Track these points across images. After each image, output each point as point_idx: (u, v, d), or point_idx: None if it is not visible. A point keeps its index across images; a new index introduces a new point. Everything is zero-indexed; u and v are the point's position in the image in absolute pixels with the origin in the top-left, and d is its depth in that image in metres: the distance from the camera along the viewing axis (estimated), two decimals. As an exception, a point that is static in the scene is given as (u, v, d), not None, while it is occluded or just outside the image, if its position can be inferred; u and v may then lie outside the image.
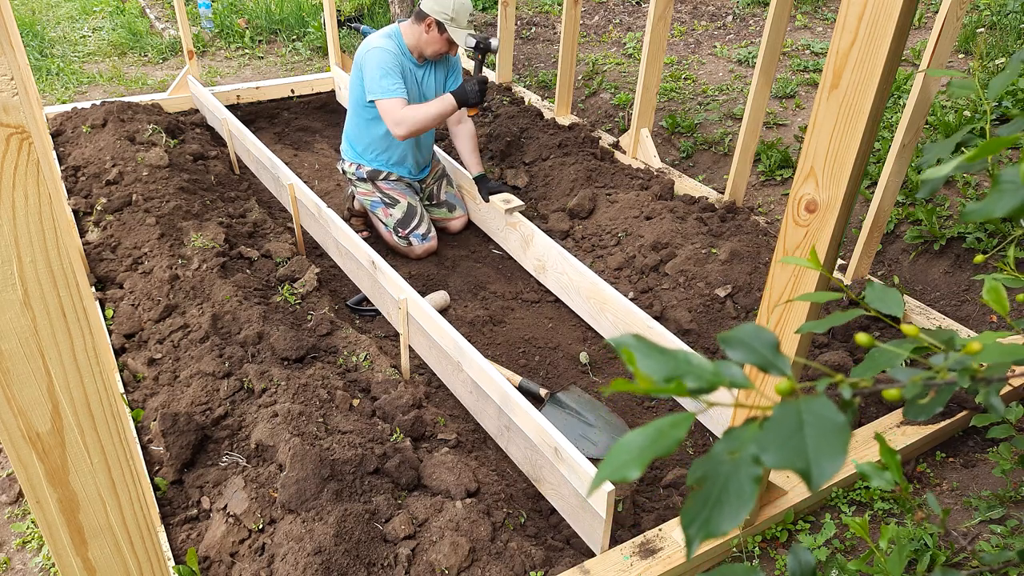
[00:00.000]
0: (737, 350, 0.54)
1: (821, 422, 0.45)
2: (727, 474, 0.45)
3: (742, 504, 0.44)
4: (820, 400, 0.47)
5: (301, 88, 4.81)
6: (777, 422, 0.46)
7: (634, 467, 0.45)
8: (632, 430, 0.48)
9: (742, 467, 0.45)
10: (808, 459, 0.43)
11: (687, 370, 0.49)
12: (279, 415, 2.13)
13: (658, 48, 3.60)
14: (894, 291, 0.70)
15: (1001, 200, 0.54)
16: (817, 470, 0.43)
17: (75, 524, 1.18)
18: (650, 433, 0.47)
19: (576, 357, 2.82)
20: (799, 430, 0.45)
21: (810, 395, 0.48)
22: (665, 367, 0.49)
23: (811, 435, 0.45)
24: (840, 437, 0.44)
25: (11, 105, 0.87)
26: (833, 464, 0.43)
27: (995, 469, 2.17)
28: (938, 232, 3.13)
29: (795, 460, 0.44)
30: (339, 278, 3.23)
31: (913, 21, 1.29)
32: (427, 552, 1.83)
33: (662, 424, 0.47)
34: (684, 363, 0.49)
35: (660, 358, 0.49)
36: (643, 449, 0.46)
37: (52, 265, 0.98)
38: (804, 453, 0.44)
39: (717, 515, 0.44)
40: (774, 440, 0.45)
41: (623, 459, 0.46)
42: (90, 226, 3.25)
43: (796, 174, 1.37)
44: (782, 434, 0.45)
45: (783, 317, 1.51)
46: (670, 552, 1.89)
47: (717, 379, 0.49)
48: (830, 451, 0.44)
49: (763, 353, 0.54)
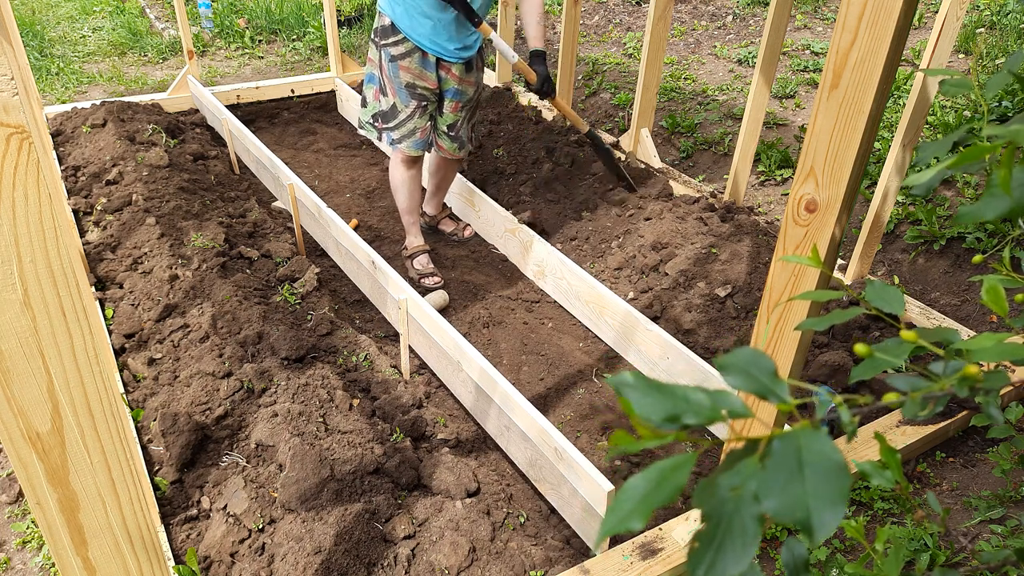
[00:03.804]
0: (735, 376, 0.54)
1: (821, 463, 0.45)
2: (730, 512, 0.45)
3: (746, 544, 0.44)
4: (820, 437, 0.46)
5: (301, 88, 4.81)
6: (777, 461, 0.46)
7: (637, 518, 0.45)
8: (634, 475, 0.48)
9: (744, 506, 0.45)
10: (808, 508, 0.43)
11: (685, 408, 0.49)
12: (279, 415, 2.13)
13: (658, 48, 3.60)
14: (894, 289, 0.70)
15: (992, 203, 0.54)
16: (818, 521, 0.43)
17: (75, 524, 1.18)
18: (652, 477, 0.47)
19: (576, 357, 2.82)
20: (799, 472, 0.45)
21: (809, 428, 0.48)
22: (663, 406, 0.49)
23: (811, 479, 0.44)
24: (841, 482, 0.44)
25: (11, 105, 0.87)
26: (834, 514, 0.43)
27: (995, 469, 2.17)
28: (938, 232, 3.13)
29: (796, 509, 0.43)
30: (339, 278, 3.23)
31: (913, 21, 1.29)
32: (427, 552, 1.83)
33: (664, 467, 0.47)
34: (682, 400, 0.49)
35: (657, 396, 0.49)
36: (645, 498, 0.46)
37: (52, 265, 0.98)
38: (804, 502, 0.44)
39: (722, 557, 0.44)
40: (775, 484, 0.45)
41: (626, 509, 0.46)
42: (90, 226, 3.26)
43: (796, 174, 1.37)
44: (782, 477, 0.45)
45: (783, 316, 1.51)
46: (670, 552, 1.89)
47: (715, 413, 0.49)
48: (831, 499, 0.43)
49: (761, 380, 0.54)
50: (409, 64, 2.87)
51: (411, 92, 2.92)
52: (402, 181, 3.16)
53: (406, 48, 2.84)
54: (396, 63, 2.87)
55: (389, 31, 2.84)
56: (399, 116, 2.98)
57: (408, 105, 2.95)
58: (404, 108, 2.95)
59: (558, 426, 2.48)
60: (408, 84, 2.91)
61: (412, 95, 2.93)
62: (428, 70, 2.89)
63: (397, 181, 3.17)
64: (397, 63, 2.87)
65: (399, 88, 2.92)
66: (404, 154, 3.07)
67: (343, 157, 4.33)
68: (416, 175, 3.17)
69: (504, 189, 3.77)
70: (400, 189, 3.19)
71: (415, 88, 2.92)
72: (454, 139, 3.15)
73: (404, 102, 2.94)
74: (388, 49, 2.87)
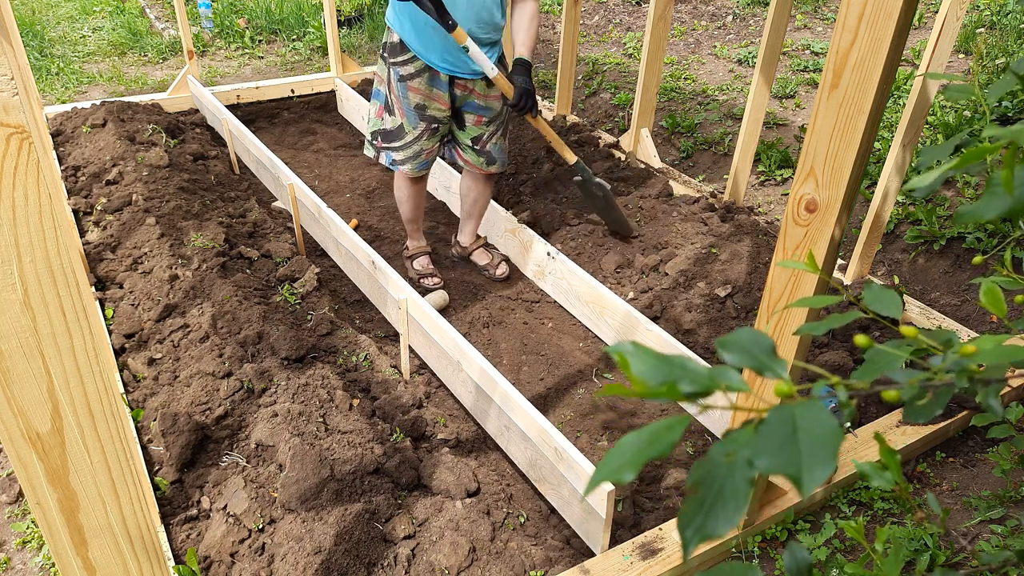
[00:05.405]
0: (734, 354, 0.55)
1: (815, 427, 0.46)
2: (723, 477, 0.46)
3: (737, 506, 0.45)
4: (815, 406, 0.47)
5: (301, 88, 4.81)
6: (772, 427, 0.47)
7: (629, 469, 0.46)
8: (628, 433, 0.48)
9: (737, 470, 0.45)
10: (800, 465, 0.44)
11: (683, 375, 0.49)
12: (279, 415, 2.13)
13: (658, 48, 3.60)
14: (892, 292, 0.70)
15: (992, 203, 0.54)
16: (808, 476, 0.44)
17: (75, 524, 1.18)
18: (645, 436, 0.47)
19: (576, 357, 2.82)
20: (793, 435, 0.46)
21: (806, 399, 0.48)
22: (661, 372, 0.49)
23: (805, 440, 0.45)
24: (832, 443, 0.45)
25: (11, 105, 0.87)
26: (824, 470, 0.44)
27: (995, 469, 2.17)
28: (938, 232, 3.13)
29: (788, 465, 0.44)
30: (339, 278, 3.23)
31: (913, 21, 1.29)
32: (427, 552, 1.83)
33: (657, 427, 0.48)
34: (680, 368, 0.50)
35: (656, 363, 0.50)
36: (638, 451, 0.46)
37: (52, 265, 0.98)
38: (797, 459, 0.44)
39: (712, 518, 0.45)
40: (768, 445, 0.46)
41: (619, 462, 0.47)
42: (90, 226, 3.26)
43: (796, 174, 1.37)
44: (777, 439, 0.46)
45: (782, 318, 1.51)
46: (670, 552, 1.89)
47: (713, 383, 0.49)
48: (822, 456, 0.44)
49: (760, 357, 0.54)
50: (419, 85, 2.71)
51: (420, 114, 2.77)
52: (407, 196, 3.06)
53: (415, 68, 2.69)
54: (405, 83, 2.72)
55: (398, 49, 2.69)
56: (405, 137, 2.83)
57: (416, 127, 2.80)
58: (412, 130, 2.81)
59: (558, 426, 2.48)
60: (417, 106, 2.76)
61: (421, 117, 2.78)
62: (440, 89, 2.73)
63: (401, 195, 3.07)
64: (406, 83, 2.72)
65: (408, 109, 2.77)
66: (406, 176, 2.97)
67: (343, 157, 4.33)
68: (421, 189, 3.07)
69: (504, 189, 3.77)
70: (404, 203, 3.09)
71: (424, 110, 2.77)
72: (480, 153, 2.94)
73: (412, 123, 2.79)
74: (397, 68, 2.72)
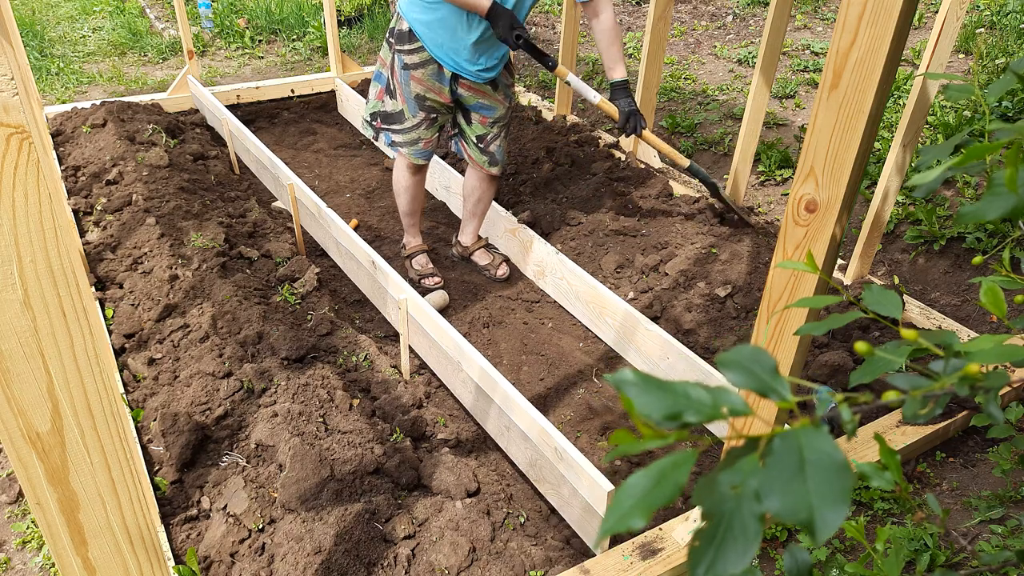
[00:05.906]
0: (736, 373, 0.54)
1: (823, 460, 0.45)
2: (731, 512, 0.45)
3: (747, 544, 0.43)
4: (819, 434, 0.46)
5: (301, 88, 4.81)
6: (779, 458, 0.46)
7: (639, 516, 0.45)
8: (634, 473, 0.48)
9: (745, 504, 0.44)
10: (812, 507, 0.43)
11: (686, 405, 0.49)
12: (279, 415, 2.13)
13: (658, 48, 3.60)
14: (892, 293, 0.70)
15: (994, 203, 0.54)
16: (821, 521, 0.42)
17: (75, 524, 1.18)
18: (652, 475, 0.46)
19: (576, 357, 2.82)
20: (800, 470, 0.45)
21: (809, 423, 0.47)
22: (664, 403, 0.48)
23: (813, 477, 0.44)
24: (843, 481, 0.44)
25: (11, 105, 0.87)
26: (837, 514, 0.42)
27: (995, 469, 2.17)
28: (938, 232, 3.13)
29: (799, 511, 0.43)
30: (339, 278, 3.23)
31: (913, 21, 1.29)
32: (427, 552, 1.83)
33: (664, 465, 0.47)
34: (683, 398, 0.49)
35: (658, 394, 0.49)
36: (646, 495, 0.45)
37: (52, 265, 0.98)
38: (807, 499, 0.43)
39: (722, 558, 0.44)
40: (776, 481, 0.44)
41: (627, 507, 0.45)
42: (90, 226, 3.26)
43: (796, 174, 1.37)
44: (784, 474, 0.45)
45: (782, 318, 1.51)
46: (670, 552, 1.89)
47: (716, 411, 0.49)
48: (833, 497, 0.43)
49: (762, 377, 0.53)
50: (422, 76, 2.70)
51: (420, 103, 2.77)
52: (405, 187, 3.05)
53: (421, 58, 2.67)
54: (408, 72, 2.70)
55: (406, 37, 2.66)
56: (405, 123, 2.83)
57: (416, 116, 2.80)
58: (412, 117, 2.80)
59: (558, 426, 2.48)
60: (418, 95, 2.75)
61: (421, 107, 2.77)
62: (442, 83, 2.73)
63: (400, 186, 3.07)
64: (409, 72, 2.70)
65: (408, 97, 2.76)
66: (407, 160, 2.96)
67: (343, 157, 4.33)
68: (420, 181, 3.07)
69: (504, 189, 3.77)
70: (402, 194, 3.09)
71: (425, 100, 2.76)
72: (484, 152, 2.96)
73: (412, 112, 2.79)
74: (402, 56, 2.69)
